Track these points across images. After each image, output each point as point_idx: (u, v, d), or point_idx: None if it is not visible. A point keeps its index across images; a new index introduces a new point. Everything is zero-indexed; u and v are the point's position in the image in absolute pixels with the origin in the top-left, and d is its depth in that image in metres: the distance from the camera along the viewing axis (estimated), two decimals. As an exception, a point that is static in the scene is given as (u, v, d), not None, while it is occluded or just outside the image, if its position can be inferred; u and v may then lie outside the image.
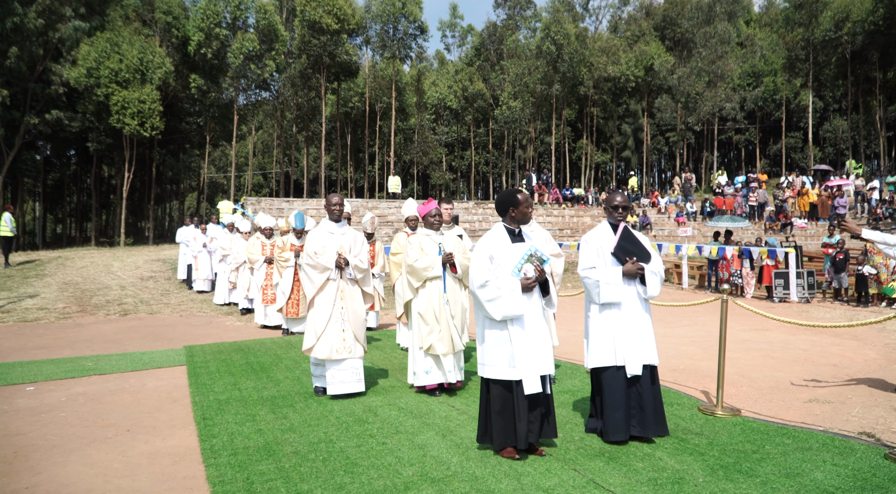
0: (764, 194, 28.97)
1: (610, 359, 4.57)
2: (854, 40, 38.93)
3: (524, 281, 4.21)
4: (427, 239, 6.24)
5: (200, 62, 34.37)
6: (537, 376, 4.20)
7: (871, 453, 4.25)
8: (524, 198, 4.45)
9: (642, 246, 4.74)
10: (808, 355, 8.23)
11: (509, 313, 4.16)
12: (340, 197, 6.36)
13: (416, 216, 7.97)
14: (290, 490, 3.78)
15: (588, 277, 4.69)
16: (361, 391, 6.15)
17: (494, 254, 4.30)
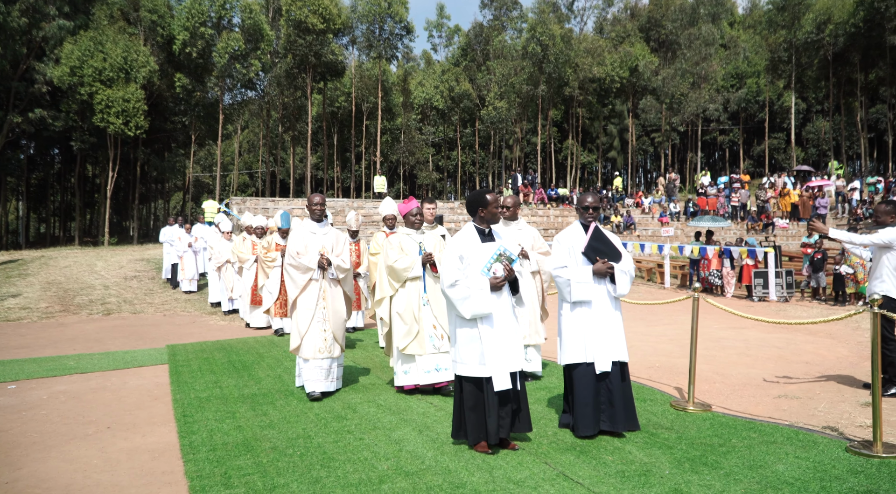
0: (746, 194, 29.31)
1: (580, 356, 4.67)
2: (836, 42, 39.49)
3: (493, 280, 4.28)
4: (407, 238, 6.18)
5: (185, 61, 34.24)
6: (507, 373, 4.26)
7: (833, 446, 4.40)
8: (493, 198, 4.49)
9: (613, 245, 4.81)
10: (783, 353, 8.40)
11: (478, 312, 4.23)
12: (321, 196, 6.33)
13: (393, 215, 8.00)
14: (266, 483, 3.85)
15: (560, 276, 4.76)
16: (339, 388, 6.24)
17: (464, 254, 4.36)
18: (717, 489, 3.69)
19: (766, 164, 50.24)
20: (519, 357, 4.39)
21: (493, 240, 4.49)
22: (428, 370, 5.96)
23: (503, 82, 45.32)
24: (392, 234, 6.53)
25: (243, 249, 11.34)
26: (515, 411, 4.39)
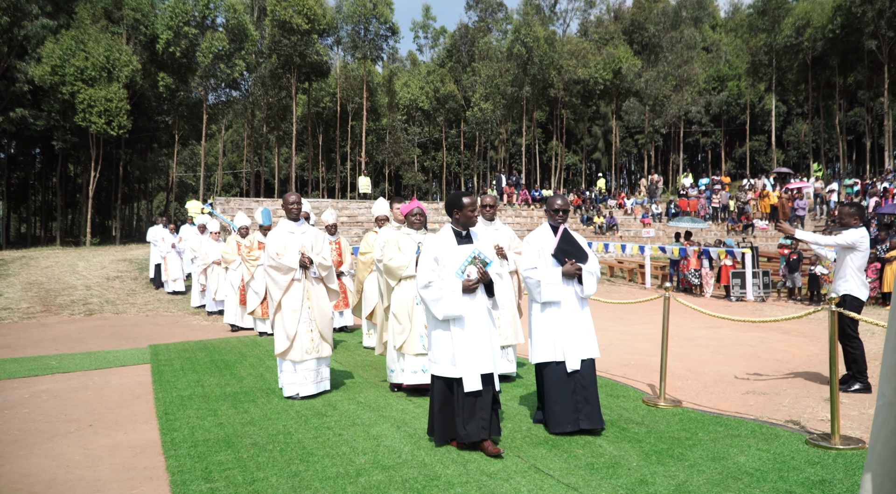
0: (727, 196, 29.73)
1: (551, 355, 4.78)
2: (815, 46, 40.14)
3: (466, 282, 4.31)
4: (407, 237, 6.18)
5: (169, 60, 34.08)
6: (477, 374, 4.28)
7: (794, 439, 4.58)
8: (470, 201, 4.51)
9: (580, 247, 4.93)
10: (755, 351, 8.62)
11: (449, 313, 4.27)
12: (297, 195, 6.27)
13: (385, 216, 8.02)
14: (246, 477, 3.96)
15: (530, 277, 4.85)
16: (327, 389, 6.23)
17: (439, 256, 4.40)
18: (680, 479, 3.85)
19: (747, 166, 50.88)
20: (494, 359, 4.41)
21: (469, 242, 4.52)
22: (415, 370, 5.97)
23: (488, 83, 45.56)
24: (388, 233, 6.47)
25: (228, 250, 11.25)
26: (492, 413, 4.41)
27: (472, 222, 4.55)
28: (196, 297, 13.97)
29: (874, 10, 36.03)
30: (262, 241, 9.99)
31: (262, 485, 3.83)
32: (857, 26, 37.22)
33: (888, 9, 35.81)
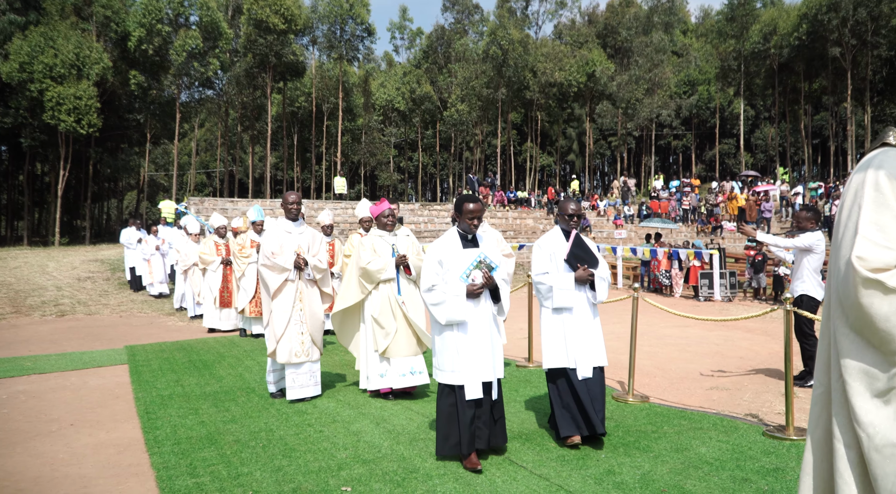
0: (696, 198, 30.39)
1: (563, 361, 4.66)
2: (781, 53, 41.15)
3: (470, 287, 4.19)
4: (380, 240, 6.07)
5: (141, 58, 33.68)
6: (478, 382, 4.16)
7: (752, 431, 4.85)
8: (474, 208, 4.35)
9: (591, 252, 4.84)
10: (720, 349, 8.94)
11: (452, 318, 4.14)
12: (297, 195, 6.13)
13: (370, 217, 7.94)
14: (231, 472, 4.09)
15: (542, 282, 4.74)
16: (318, 394, 6.09)
17: (444, 259, 4.28)
18: (645, 469, 4.08)
19: (716, 169, 51.93)
20: (496, 367, 4.28)
21: (475, 245, 4.38)
22: (403, 373, 5.92)
23: (464, 85, 45.83)
24: (364, 237, 6.40)
25: (206, 250, 11.03)
26: (496, 420, 4.31)
27: (471, 229, 4.38)
28: (179, 299, 13.74)
29: (838, 18, 37.09)
30: (255, 240, 9.86)
31: (246, 479, 3.97)
32: (821, 34, 38.27)
33: (852, 17, 36.90)
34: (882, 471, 1.78)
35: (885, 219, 1.82)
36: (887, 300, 1.76)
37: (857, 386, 1.85)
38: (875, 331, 1.79)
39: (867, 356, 1.83)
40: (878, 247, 1.80)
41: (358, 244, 6.25)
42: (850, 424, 1.87)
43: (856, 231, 1.85)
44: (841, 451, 1.90)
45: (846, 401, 1.88)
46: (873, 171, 1.87)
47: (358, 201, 20.76)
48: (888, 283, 1.76)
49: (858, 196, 1.89)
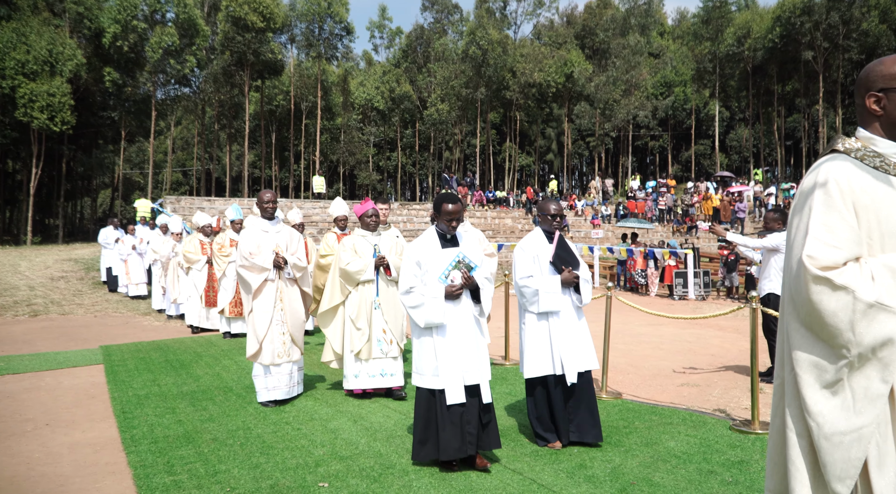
0: (672, 198, 30.82)
1: (547, 368, 4.54)
2: (755, 55, 41.85)
3: (449, 288, 4.06)
4: (362, 240, 6.02)
5: (115, 55, 33.24)
6: (460, 386, 4.03)
7: (720, 425, 5.00)
8: (452, 209, 4.18)
9: (574, 254, 4.76)
10: (692, 346, 9.14)
11: (431, 320, 4.02)
12: (273, 193, 6.04)
13: (345, 216, 7.81)
14: (208, 470, 4.13)
15: (527, 286, 4.60)
16: (300, 394, 6.04)
17: (422, 260, 4.15)
18: (616, 463, 4.20)
19: (692, 169, 52.62)
20: (480, 369, 4.13)
21: (455, 245, 4.25)
22: (373, 374, 5.88)
23: (444, 85, 45.89)
24: (345, 236, 6.24)
25: (191, 249, 10.68)
26: (485, 425, 4.16)
27: (450, 230, 4.23)
28: (158, 300, 13.46)
29: (811, 22, 37.83)
30: (234, 239, 9.73)
31: (224, 477, 4.01)
32: (794, 37, 39.00)
33: (824, 21, 37.68)
34: (831, 458, 1.87)
35: (833, 220, 1.91)
36: (835, 296, 1.85)
37: (808, 378, 1.94)
38: (823, 326, 1.88)
39: (817, 349, 1.93)
40: (826, 246, 1.89)
41: (339, 244, 6.17)
42: (802, 414, 1.96)
43: (806, 231, 1.94)
44: (793, 440, 1.99)
45: (798, 392, 1.98)
46: (823, 176, 1.97)
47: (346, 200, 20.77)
48: (836, 281, 1.85)
49: (809, 199, 1.98)
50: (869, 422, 1.84)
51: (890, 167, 1.98)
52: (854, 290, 1.84)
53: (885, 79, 2.00)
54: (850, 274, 1.86)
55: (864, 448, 1.84)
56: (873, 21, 38.02)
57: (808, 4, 37.73)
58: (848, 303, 1.84)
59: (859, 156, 2.01)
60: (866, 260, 1.91)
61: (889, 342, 1.83)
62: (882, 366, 1.84)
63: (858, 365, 1.86)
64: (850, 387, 1.88)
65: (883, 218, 1.92)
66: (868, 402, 1.85)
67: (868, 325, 1.83)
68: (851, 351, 1.85)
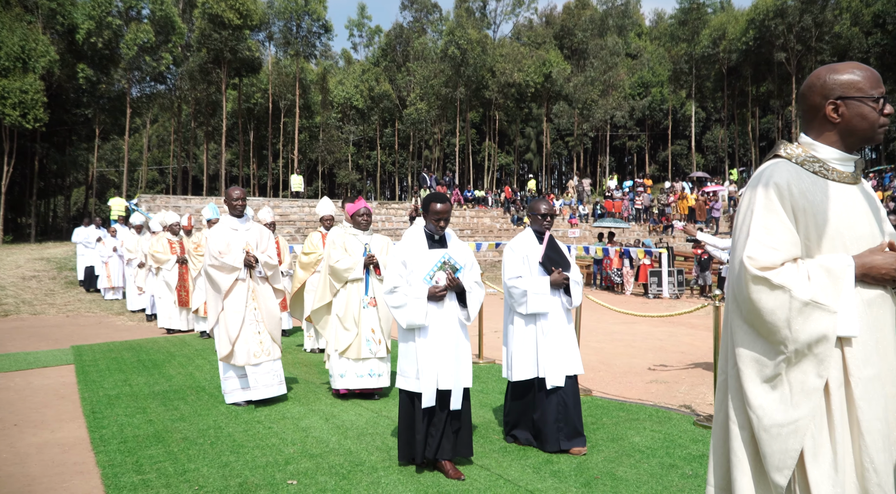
0: (648, 198, 31.17)
1: (532, 371, 4.47)
2: (730, 57, 42.46)
3: (433, 289, 3.99)
4: (353, 238, 5.97)
5: (89, 51, 32.74)
6: (434, 390, 3.96)
7: (684, 421, 5.12)
8: (441, 209, 4.10)
9: (564, 255, 4.69)
10: (664, 344, 9.30)
11: (413, 322, 3.96)
12: (242, 190, 5.93)
13: (331, 215, 7.87)
14: (177, 469, 4.14)
15: (516, 287, 4.51)
16: (283, 393, 5.91)
17: (408, 260, 4.07)
18: (581, 458, 4.29)
19: (669, 169, 53.22)
20: (461, 374, 4.05)
21: (442, 246, 4.18)
22: (361, 374, 5.82)
23: (423, 84, 45.89)
24: (336, 233, 6.18)
25: (159, 249, 10.58)
26: (455, 431, 4.09)
27: (438, 231, 4.16)
28: (133, 300, 13.20)
29: (784, 24, 38.48)
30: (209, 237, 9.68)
31: (193, 475, 4.02)
32: (768, 39, 39.62)
33: (797, 23, 38.35)
34: (770, 449, 1.97)
35: (772, 222, 2.00)
36: (773, 295, 1.95)
37: (749, 373, 2.03)
38: (763, 323, 1.98)
39: (757, 346, 2.02)
40: (766, 247, 1.98)
41: (328, 242, 6.15)
42: (744, 407, 2.05)
43: (748, 233, 2.03)
44: (735, 432, 2.09)
45: (740, 387, 2.07)
46: (764, 180, 2.07)
47: (316, 199, 20.56)
48: (773, 280, 1.94)
49: (751, 202, 2.08)
50: (805, 415, 1.94)
51: (829, 172, 2.07)
52: (790, 289, 1.93)
53: (843, 87, 2.07)
54: (786, 274, 1.95)
55: (800, 439, 1.94)
56: (845, 24, 38.79)
57: (781, 7, 38.38)
58: (785, 302, 1.94)
59: (800, 161, 2.10)
60: (804, 261, 2.00)
61: (824, 338, 1.92)
62: (818, 362, 1.93)
63: (795, 360, 1.95)
64: (788, 381, 1.98)
65: (820, 221, 2.01)
66: (804, 396, 1.95)
67: (804, 322, 1.92)
68: (788, 347, 1.94)
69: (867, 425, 1.93)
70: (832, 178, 2.07)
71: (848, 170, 2.09)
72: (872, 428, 1.93)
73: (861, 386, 1.94)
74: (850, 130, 2.09)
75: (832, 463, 1.93)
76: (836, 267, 1.96)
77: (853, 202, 2.06)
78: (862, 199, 2.09)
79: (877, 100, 2.05)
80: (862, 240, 2.03)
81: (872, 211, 2.10)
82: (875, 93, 2.04)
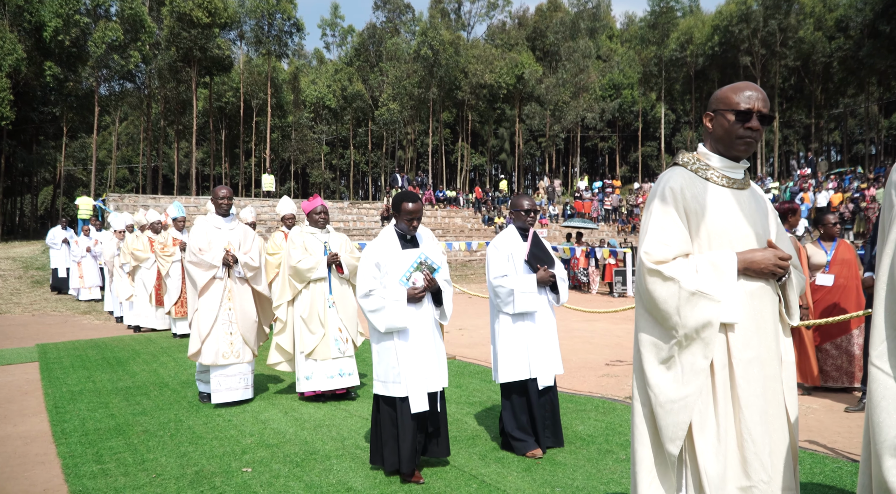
0: (617, 198, 31.74)
1: (524, 372, 4.40)
2: (697, 61, 43.32)
3: (411, 291, 3.91)
4: (312, 237, 5.89)
5: (57, 49, 32.27)
6: (424, 394, 3.89)
7: (626, 411, 5.40)
8: (412, 208, 4.04)
9: (549, 252, 4.63)
10: (621, 340, 9.62)
11: (393, 325, 3.85)
12: (228, 189, 5.86)
13: (292, 214, 7.88)
14: (136, 459, 4.29)
15: (502, 286, 4.42)
16: (249, 398, 5.82)
17: (382, 261, 3.96)
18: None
19: (639, 170, 54.07)
20: (440, 376, 4.03)
21: (415, 246, 4.10)
22: (331, 375, 5.74)
23: (396, 84, 46.02)
24: (294, 233, 6.13)
25: (139, 247, 10.35)
26: (432, 433, 4.07)
27: (410, 230, 4.09)
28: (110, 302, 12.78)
29: (749, 29, 39.41)
30: (176, 237, 9.56)
31: (151, 464, 4.18)
32: (733, 43, 40.56)
33: (762, 28, 39.30)
34: (664, 422, 2.21)
35: (666, 222, 2.24)
36: (665, 285, 2.18)
37: (648, 356, 2.28)
38: (657, 310, 2.22)
39: (655, 331, 2.26)
40: (660, 244, 2.22)
41: (288, 242, 6.05)
42: (644, 386, 2.30)
43: (646, 231, 2.29)
44: (638, 408, 2.33)
45: (641, 368, 2.32)
46: (662, 184, 2.33)
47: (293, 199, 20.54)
48: (665, 272, 2.19)
49: (651, 204, 2.34)
50: (693, 392, 2.16)
51: (719, 179, 2.31)
52: (679, 280, 2.16)
53: (716, 101, 2.33)
54: (677, 267, 2.19)
55: (689, 413, 2.16)
56: (809, 28, 39.86)
57: (745, 12, 39.28)
58: (675, 291, 2.16)
59: (693, 168, 2.35)
60: (694, 257, 2.23)
61: (708, 324, 2.14)
62: (704, 345, 2.15)
63: (686, 343, 2.17)
64: (679, 362, 2.20)
65: (709, 221, 2.24)
66: (693, 375, 2.17)
67: (691, 310, 2.14)
68: (679, 331, 2.16)
69: (746, 401, 2.15)
70: (720, 184, 2.30)
71: (737, 177, 2.32)
72: (751, 404, 2.15)
73: (741, 367, 2.16)
74: (717, 139, 2.32)
75: (716, 434, 2.15)
76: (721, 262, 2.17)
77: (740, 205, 2.28)
78: (750, 202, 2.31)
79: (741, 113, 2.24)
80: (748, 239, 2.24)
81: (760, 213, 2.34)
82: (742, 107, 2.24)
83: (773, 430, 2.19)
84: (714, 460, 2.14)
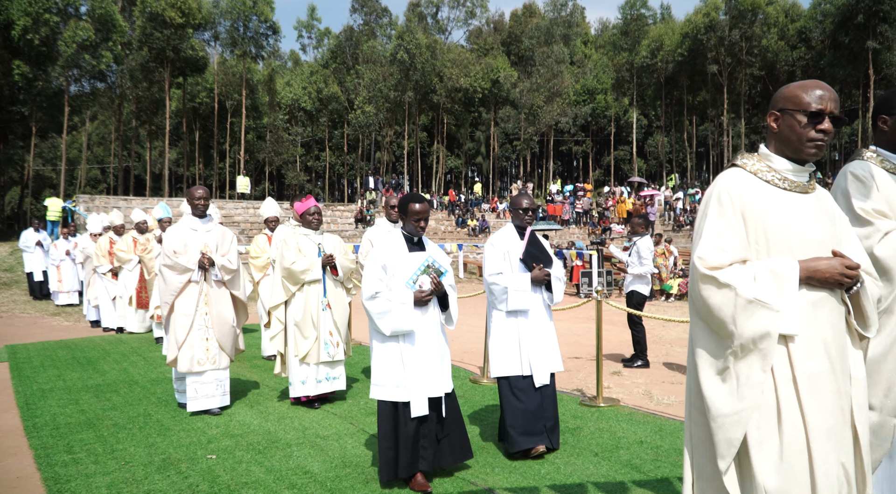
0: (588, 201, 32.37)
1: (516, 368, 4.43)
2: (667, 68, 44.26)
3: (418, 294, 3.88)
4: (305, 239, 5.82)
5: (26, 48, 31.90)
6: (425, 398, 3.85)
7: (572, 401, 5.79)
8: (419, 209, 3.99)
9: (546, 251, 4.67)
10: (580, 339, 10.02)
11: (399, 328, 3.81)
12: (205, 189, 5.72)
13: (276, 217, 7.93)
14: (106, 449, 4.54)
15: (496, 283, 4.46)
16: (226, 405, 5.70)
17: (388, 264, 3.91)
18: (474, 433, 4.89)
19: (612, 174, 54.95)
20: (444, 381, 3.99)
21: (422, 249, 4.05)
22: (319, 379, 5.70)
23: (372, 87, 46.23)
24: (286, 234, 6.05)
25: (123, 247, 10.14)
26: (440, 440, 3.99)
27: (417, 232, 4.03)
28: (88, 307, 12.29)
29: (716, 38, 40.41)
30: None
31: (120, 454, 4.44)
32: (701, 51, 41.54)
33: (728, 37, 40.33)
34: (716, 438, 2.10)
35: (723, 226, 2.14)
36: (720, 293, 2.08)
37: (704, 365, 2.17)
38: (711, 318, 2.12)
39: (710, 340, 2.16)
40: (715, 249, 2.12)
41: (281, 243, 5.92)
42: (699, 398, 2.18)
43: (701, 235, 2.18)
44: (695, 417, 2.23)
45: (697, 379, 2.19)
46: (718, 187, 2.22)
47: (262, 200, 20.67)
48: (720, 279, 2.08)
49: (707, 206, 2.23)
50: (748, 407, 2.04)
51: (781, 182, 2.20)
52: (736, 287, 2.05)
53: (784, 100, 2.20)
54: (733, 274, 2.09)
55: (742, 429, 2.04)
56: (773, 38, 41.02)
57: (712, 22, 40.27)
58: (730, 299, 2.06)
59: (753, 170, 2.23)
60: (752, 263, 2.13)
61: (767, 335, 2.03)
62: (762, 356, 2.04)
63: (742, 354, 2.07)
64: (735, 374, 2.08)
65: (769, 226, 2.13)
66: (749, 388, 2.05)
67: (747, 319, 2.04)
68: (735, 341, 2.06)
69: (812, 417, 2.02)
70: (783, 187, 2.19)
71: (801, 180, 2.21)
72: (818, 420, 2.02)
73: (805, 381, 2.03)
74: (784, 141, 2.20)
75: (778, 452, 2.02)
76: (781, 270, 2.06)
77: (802, 210, 2.17)
78: (814, 207, 2.20)
79: (812, 114, 2.12)
80: (810, 246, 2.12)
81: (825, 219, 2.21)
82: (813, 108, 2.12)
83: (839, 449, 2.05)
84: (775, 478, 2.01)
